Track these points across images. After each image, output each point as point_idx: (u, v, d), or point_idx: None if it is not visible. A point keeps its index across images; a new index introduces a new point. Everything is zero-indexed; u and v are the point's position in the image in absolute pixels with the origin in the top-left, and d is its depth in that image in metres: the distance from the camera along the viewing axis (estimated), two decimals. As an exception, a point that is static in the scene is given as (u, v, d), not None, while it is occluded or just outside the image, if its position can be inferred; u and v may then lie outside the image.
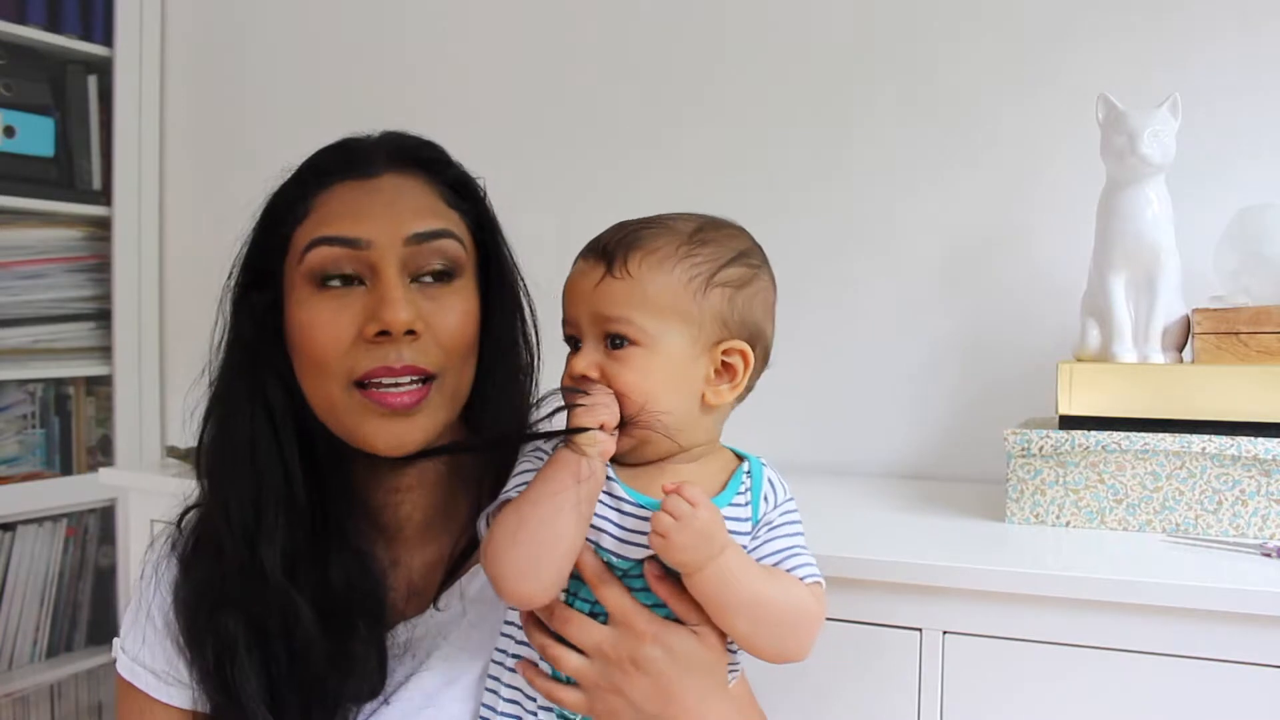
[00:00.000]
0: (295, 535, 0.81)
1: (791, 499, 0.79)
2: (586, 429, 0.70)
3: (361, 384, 0.78)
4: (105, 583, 2.02)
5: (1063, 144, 1.39)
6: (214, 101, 2.05)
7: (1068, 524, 1.11)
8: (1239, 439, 1.04)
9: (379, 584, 0.84)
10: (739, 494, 0.76)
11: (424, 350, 0.79)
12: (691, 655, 0.74)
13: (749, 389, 0.77)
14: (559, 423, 0.74)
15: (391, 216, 0.79)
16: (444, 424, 0.82)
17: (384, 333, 0.76)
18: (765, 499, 0.77)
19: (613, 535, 0.74)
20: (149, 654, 0.85)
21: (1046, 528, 1.11)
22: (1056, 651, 0.95)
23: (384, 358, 0.77)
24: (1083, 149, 1.24)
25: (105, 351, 2.02)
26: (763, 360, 0.78)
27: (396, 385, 0.78)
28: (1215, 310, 1.12)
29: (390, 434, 0.79)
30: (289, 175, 0.84)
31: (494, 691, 0.80)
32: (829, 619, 1.01)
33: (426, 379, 0.79)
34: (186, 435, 0.88)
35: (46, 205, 1.91)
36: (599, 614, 0.75)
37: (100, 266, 2.01)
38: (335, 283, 0.79)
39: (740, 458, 0.79)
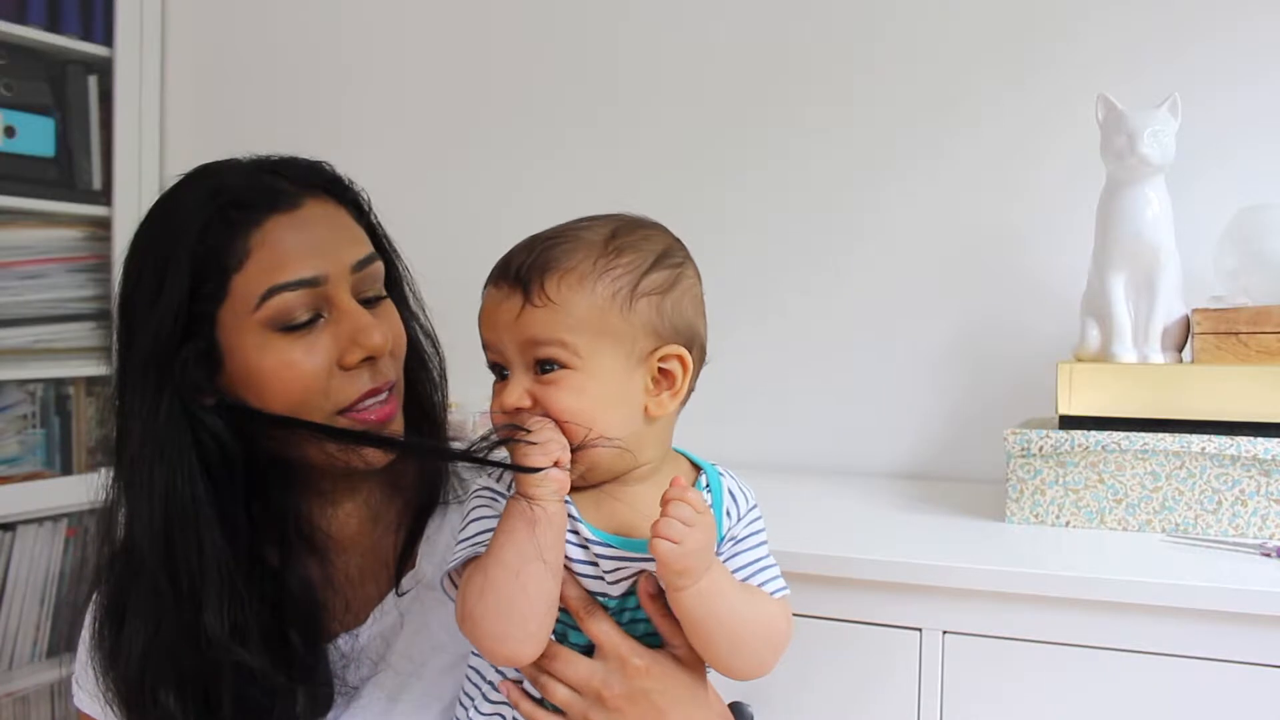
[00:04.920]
0: (236, 588, 0.78)
1: (755, 506, 0.76)
2: (539, 469, 0.67)
3: (345, 410, 0.79)
4: (105, 583, 2.02)
5: (1063, 143, 1.39)
6: (214, 101, 2.05)
7: (1068, 524, 1.11)
8: (1239, 439, 1.04)
9: (314, 600, 0.83)
10: None
11: (388, 365, 0.82)
12: (680, 681, 0.73)
13: (690, 391, 0.74)
14: (505, 455, 0.72)
15: (334, 247, 0.80)
16: (401, 423, 0.84)
17: (368, 358, 0.79)
18: (728, 514, 0.74)
19: (586, 575, 0.71)
20: (96, 684, 0.84)
21: (1046, 528, 1.11)
22: (1056, 651, 0.95)
23: (366, 382, 0.80)
24: (1082, 148, 1.24)
25: (105, 351, 2.01)
26: (699, 359, 0.75)
27: (378, 402, 0.80)
28: (1215, 310, 1.12)
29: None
30: (201, 220, 0.77)
31: (465, 709, 0.77)
32: (829, 619, 1.02)
33: (393, 388, 0.83)
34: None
35: (46, 205, 1.91)
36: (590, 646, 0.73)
37: (100, 266, 2.00)
38: (296, 325, 0.77)
39: (696, 466, 0.77)
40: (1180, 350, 1.16)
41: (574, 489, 0.71)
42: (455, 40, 1.82)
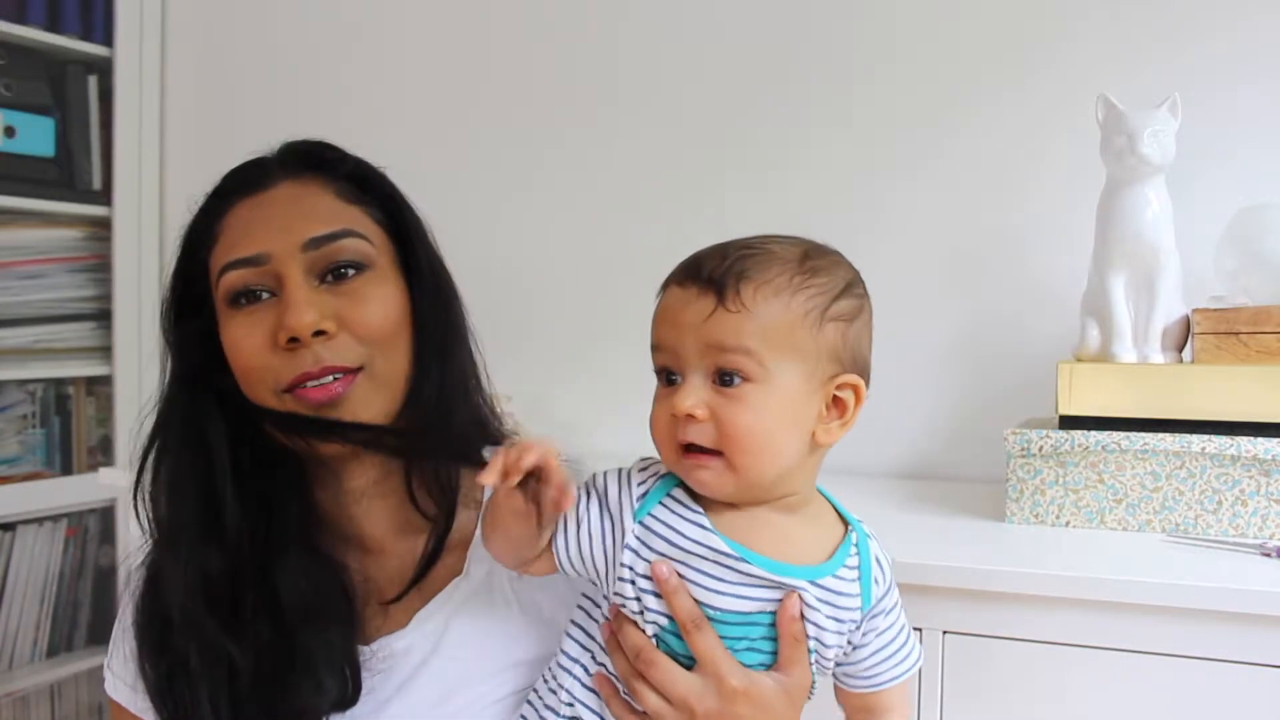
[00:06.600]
0: (230, 561, 0.80)
1: (892, 574, 0.78)
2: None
3: (288, 389, 0.79)
4: (105, 583, 2.02)
5: (1063, 143, 1.39)
6: (214, 102, 2.05)
7: (1068, 524, 1.11)
8: (1239, 439, 1.04)
9: (345, 593, 0.83)
10: (846, 566, 0.73)
11: (340, 348, 0.79)
12: (774, 711, 0.72)
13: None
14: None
15: (286, 226, 0.80)
16: (380, 409, 0.81)
17: (294, 340, 0.77)
18: (876, 581, 0.74)
19: (705, 587, 0.70)
20: (125, 669, 0.85)
21: (1046, 528, 1.11)
22: (1056, 651, 0.95)
23: (301, 364, 0.78)
24: (1082, 148, 1.24)
25: (105, 351, 2.02)
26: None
27: (320, 384, 0.78)
28: (1215, 310, 1.12)
29: None
30: (199, 204, 0.86)
31: (554, 692, 0.76)
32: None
33: (350, 373, 0.79)
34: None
35: (46, 205, 1.91)
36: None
37: (100, 266, 2.00)
38: (246, 300, 0.80)
39: (843, 519, 0.77)
40: (1180, 350, 1.16)
41: (727, 506, 0.71)
42: (455, 40, 1.82)
